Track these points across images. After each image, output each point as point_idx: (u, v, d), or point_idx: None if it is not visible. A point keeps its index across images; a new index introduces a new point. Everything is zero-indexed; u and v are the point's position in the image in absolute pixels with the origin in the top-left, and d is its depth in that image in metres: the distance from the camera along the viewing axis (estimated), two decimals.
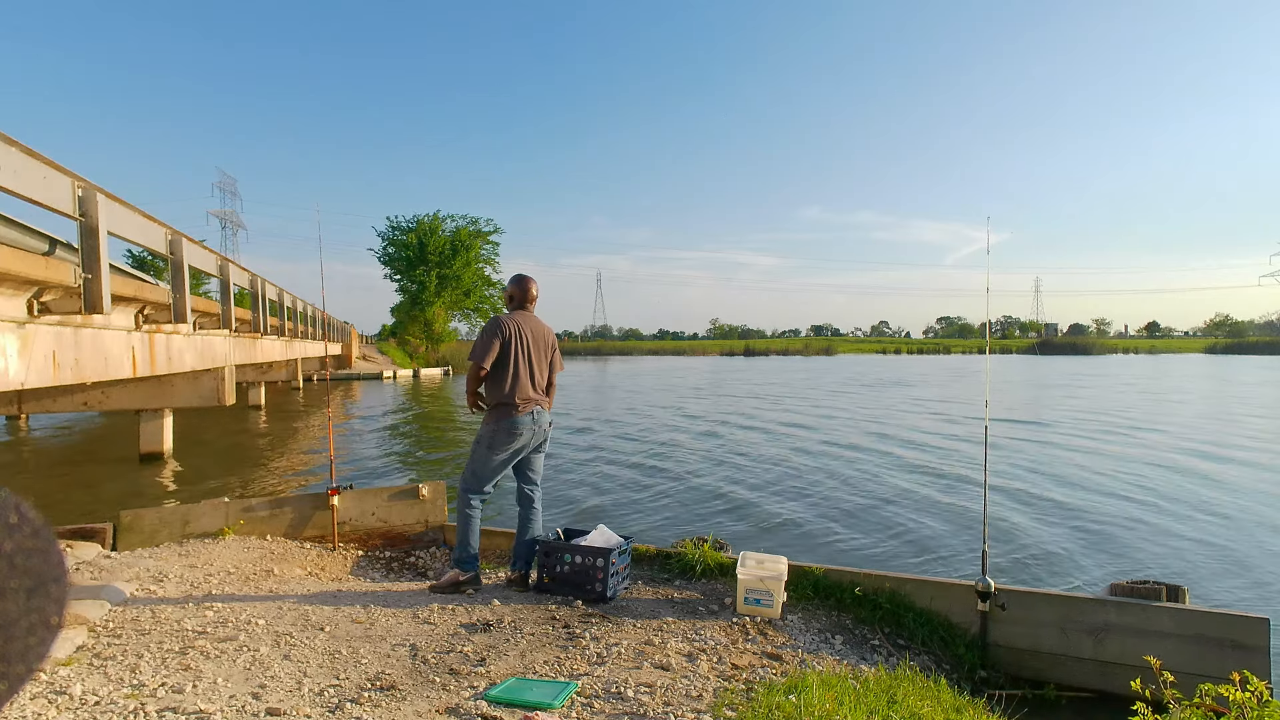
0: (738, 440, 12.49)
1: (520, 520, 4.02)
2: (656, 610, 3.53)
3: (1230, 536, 6.46)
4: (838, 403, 20.25)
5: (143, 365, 6.99)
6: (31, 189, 4.23)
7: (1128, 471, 9.42)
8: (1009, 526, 6.63)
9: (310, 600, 3.51)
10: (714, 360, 68.47)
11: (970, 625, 3.56)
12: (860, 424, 14.95)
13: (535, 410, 3.85)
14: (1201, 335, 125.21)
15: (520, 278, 4.04)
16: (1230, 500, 7.85)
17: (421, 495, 4.86)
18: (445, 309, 44.28)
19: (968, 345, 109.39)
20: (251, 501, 4.84)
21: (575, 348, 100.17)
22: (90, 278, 5.01)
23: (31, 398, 9.64)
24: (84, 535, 4.48)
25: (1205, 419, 15.81)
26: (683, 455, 10.88)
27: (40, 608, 0.34)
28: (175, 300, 7.06)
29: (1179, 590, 3.38)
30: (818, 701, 2.36)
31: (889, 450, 11.27)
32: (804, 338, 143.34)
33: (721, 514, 7.28)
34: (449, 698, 2.47)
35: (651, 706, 2.44)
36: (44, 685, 2.42)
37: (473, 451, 3.88)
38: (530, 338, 3.87)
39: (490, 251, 45.13)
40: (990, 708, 2.84)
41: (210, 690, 2.46)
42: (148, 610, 3.27)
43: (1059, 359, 63.77)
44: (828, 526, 6.79)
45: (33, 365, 4.93)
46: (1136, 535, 6.47)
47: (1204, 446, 11.66)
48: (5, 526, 0.34)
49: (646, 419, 16.14)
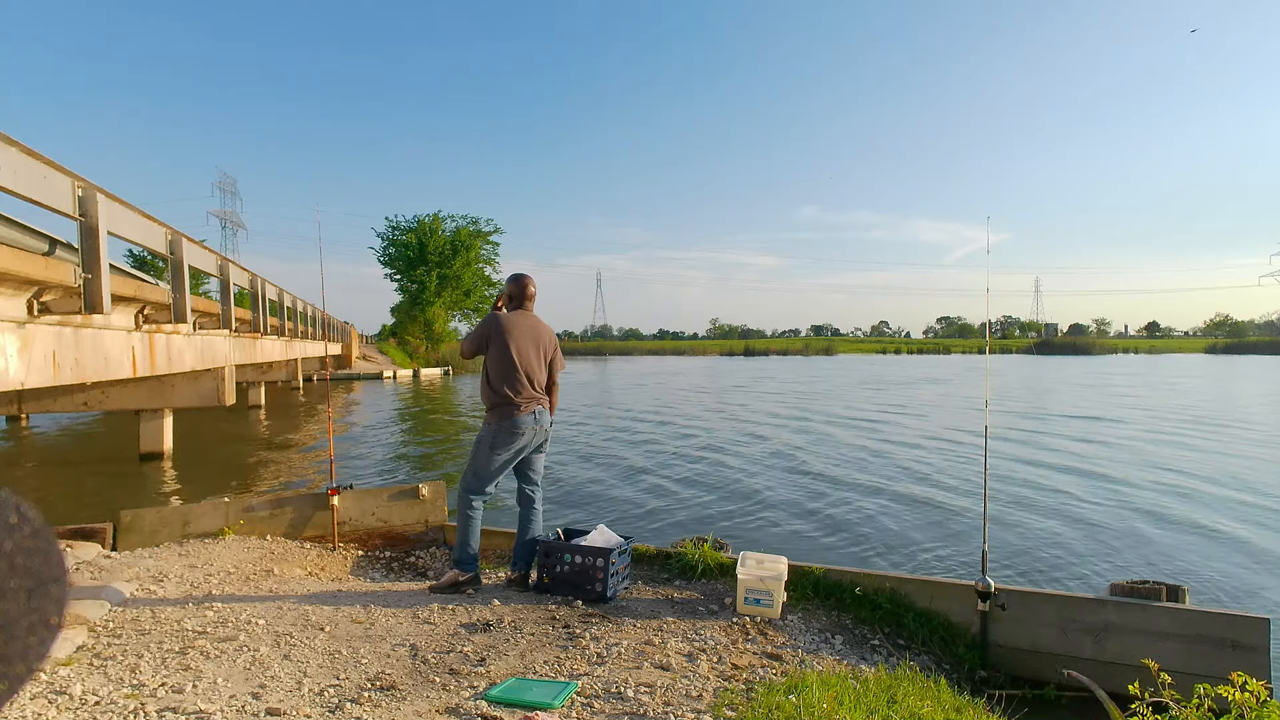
0: (737, 440, 12.49)
1: (520, 520, 4.01)
2: (656, 610, 3.53)
3: (1231, 536, 6.45)
4: (863, 401, 20.26)
5: (143, 365, 6.99)
6: (31, 189, 4.23)
7: (1128, 471, 9.42)
8: (1009, 526, 6.63)
9: (310, 600, 3.51)
10: (714, 360, 68.44)
11: (970, 625, 3.56)
12: (860, 425, 14.95)
13: (537, 410, 3.84)
14: (1201, 335, 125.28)
15: (518, 277, 4.03)
16: (1230, 500, 7.85)
17: (421, 495, 4.86)
18: (445, 309, 44.29)
19: (968, 345, 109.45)
20: (251, 501, 4.84)
21: (575, 348, 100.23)
22: (90, 278, 5.01)
23: (31, 398, 9.64)
24: (84, 535, 4.48)
25: (1206, 419, 15.81)
26: (683, 455, 10.88)
27: (40, 608, 0.34)
28: (175, 300, 7.06)
29: (1179, 590, 3.38)
30: (817, 701, 2.36)
31: (889, 450, 11.27)
32: (804, 338, 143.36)
33: (721, 514, 7.28)
34: (449, 698, 2.47)
35: (651, 706, 2.44)
36: (44, 685, 2.42)
37: (474, 451, 3.88)
38: (530, 337, 3.86)
39: (490, 251, 45.18)
40: (990, 708, 2.84)
41: (210, 690, 2.46)
42: (148, 610, 3.27)
43: (1060, 359, 63.77)
44: (828, 526, 6.79)
45: (33, 365, 4.93)
46: (1136, 535, 6.47)
47: (1204, 447, 11.66)
48: (5, 526, 0.34)
49: (646, 420, 16.15)
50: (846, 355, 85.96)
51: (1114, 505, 7.53)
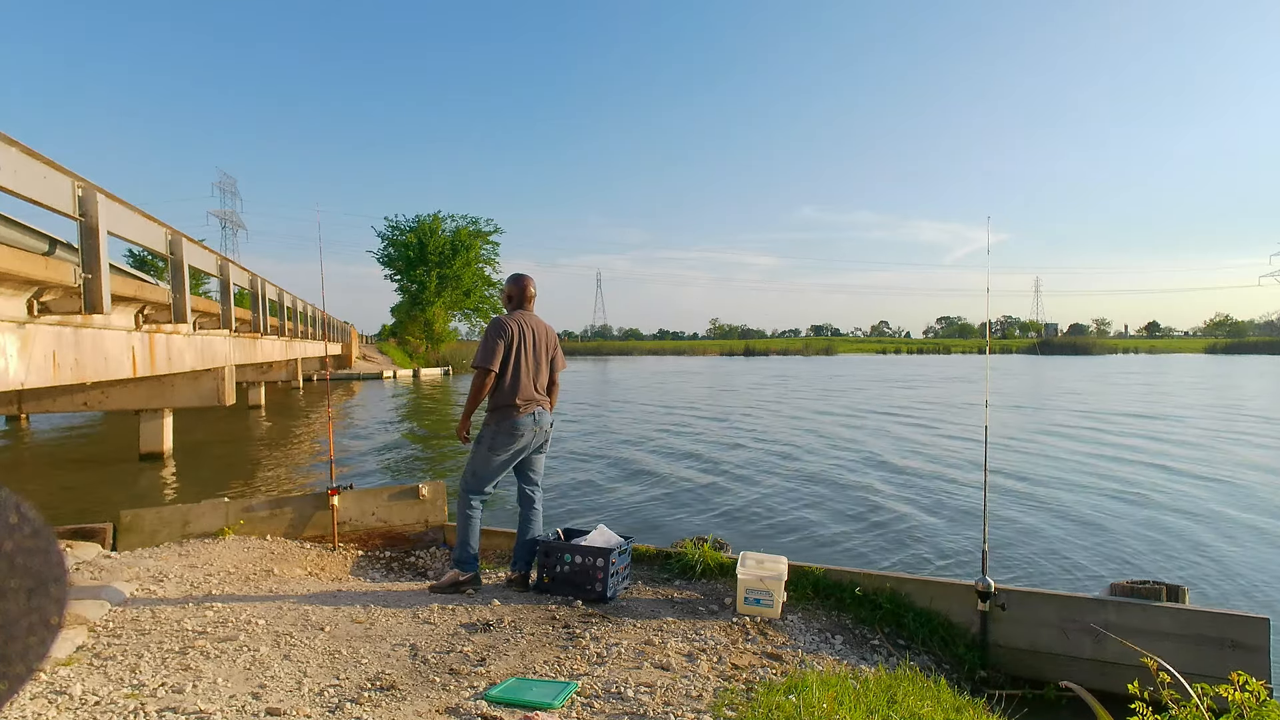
0: (737, 440, 12.49)
1: (521, 520, 4.02)
2: (656, 610, 3.53)
3: (1231, 536, 6.45)
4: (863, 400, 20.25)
5: (143, 365, 6.99)
6: (31, 188, 4.23)
7: (1128, 471, 9.42)
8: (1009, 526, 6.63)
9: (310, 600, 3.51)
10: (715, 360, 68.43)
11: (970, 625, 3.56)
12: (863, 423, 14.95)
13: (537, 411, 3.85)
14: (1201, 335, 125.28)
15: (517, 277, 4.04)
16: (1231, 500, 7.85)
17: (421, 495, 4.86)
18: (445, 309, 44.27)
19: (968, 345, 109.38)
20: (251, 501, 4.84)
21: (575, 348, 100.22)
22: (90, 278, 5.01)
23: (31, 398, 9.64)
24: (84, 535, 4.48)
25: (1206, 418, 15.80)
26: (683, 455, 10.88)
27: (40, 608, 0.34)
28: (175, 300, 7.06)
29: (1179, 590, 3.38)
30: (817, 701, 2.36)
31: (890, 450, 11.27)
32: (804, 338, 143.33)
33: (721, 514, 7.28)
34: (449, 698, 2.47)
35: (651, 706, 2.44)
36: (44, 685, 2.42)
37: (473, 452, 3.88)
38: (531, 337, 3.87)
39: (490, 251, 45.14)
40: (990, 708, 2.84)
41: (210, 690, 2.46)
42: (148, 610, 3.27)
43: (1060, 359, 63.72)
44: (828, 526, 6.79)
45: (33, 365, 4.93)
46: (1136, 535, 6.47)
47: (1204, 446, 11.66)
48: (5, 526, 0.34)
49: (647, 419, 16.14)
50: (847, 355, 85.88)
51: (1114, 505, 7.53)
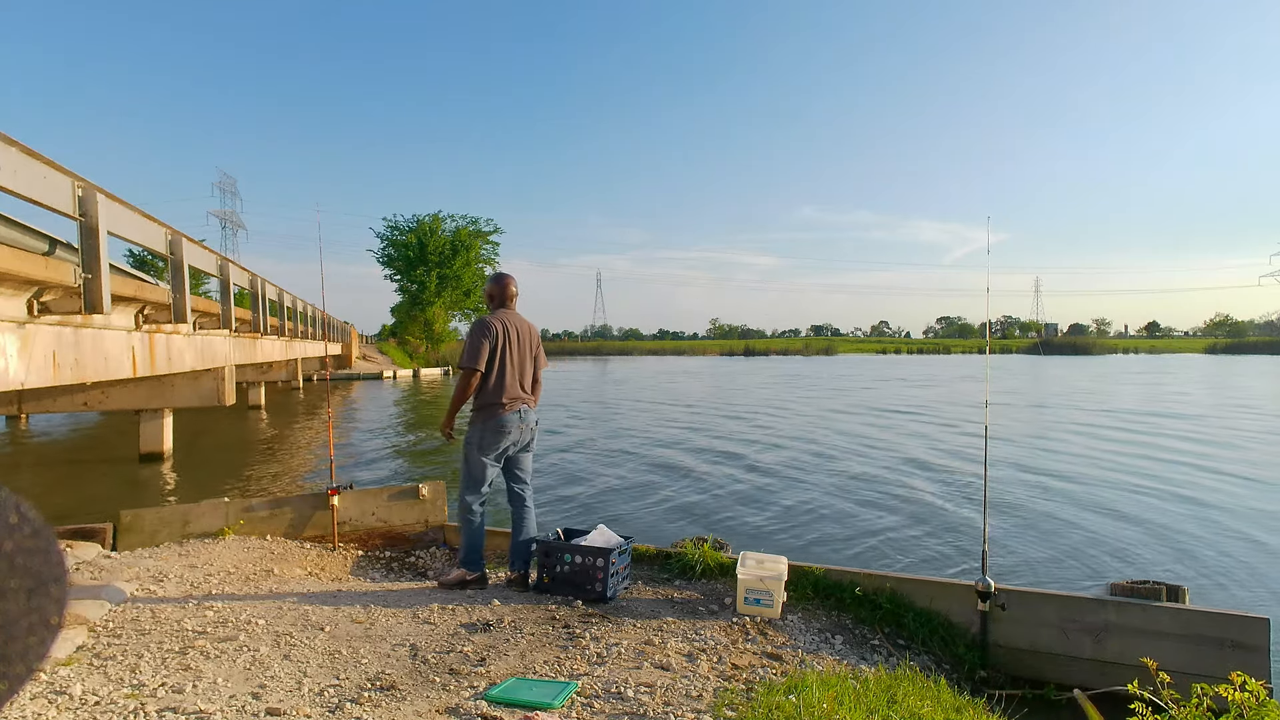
0: (737, 440, 12.48)
1: (514, 520, 4.03)
2: (656, 610, 3.53)
3: (1231, 536, 6.45)
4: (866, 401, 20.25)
5: (143, 365, 6.99)
6: (31, 188, 4.23)
7: (1128, 471, 9.42)
8: (1009, 526, 6.63)
9: (310, 600, 3.51)
10: (715, 360, 68.40)
11: (970, 625, 3.56)
12: (863, 423, 14.95)
13: (522, 409, 3.88)
14: (1201, 335, 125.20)
15: (499, 276, 4.06)
16: (1231, 500, 7.85)
17: (421, 495, 4.86)
18: (445, 309, 44.28)
19: (968, 345, 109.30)
20: (251, 501, 4.84)
21: (575, 348, 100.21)
22: (90, 278, 5.01)
23: (31, 398, 9.64)
24: (84, 535, 4.48)
25: (1206, 418, 15.80)
26: (683, 455, 10.88)
27: (40, 608, 0.34)
28: (175, 300, 7.06)
29: (1179, 590, 3.38)
30: (817, 701, 2.36)
31: (889, 450, 11.26)
32: (804, 338, 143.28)
33: (721, 514, 7.28)
34: (449, 698, 2.47)
35: (651, 706, 2.43)
36: (44, 685, 2.42)
37: (464, 455, 3.93)
38: (516, 337, 3.89)
39: (490, 251, 45.14)
40: (990, 708, 2.84)
41: (210, 690, 2.46)
42: (148, 610, 3.27)
43: (1061, 359, 63.69)
44: (828, 526, 6.79)
45: (33, 365, 4.93)
46: (1136, 535, 6.47)
47: (1204, 446, 11.66)
48: (5, 526, 0.34)
49: (647, 420, 16.13)
50: (847, 355, 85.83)
51: (1114, 505, 7.52)
